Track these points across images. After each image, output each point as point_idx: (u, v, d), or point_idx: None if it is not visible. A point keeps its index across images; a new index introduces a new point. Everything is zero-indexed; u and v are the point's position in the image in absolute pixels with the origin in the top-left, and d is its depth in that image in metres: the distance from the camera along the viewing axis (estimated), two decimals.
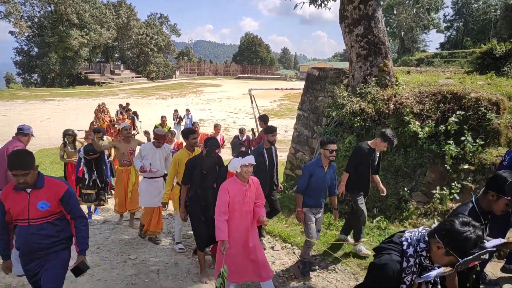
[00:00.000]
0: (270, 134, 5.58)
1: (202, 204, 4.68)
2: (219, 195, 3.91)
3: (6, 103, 26.61)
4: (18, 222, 3.09)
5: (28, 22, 44.34)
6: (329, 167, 4.74)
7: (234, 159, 3.90)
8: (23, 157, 2.99)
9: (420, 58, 37.97)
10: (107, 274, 4.75)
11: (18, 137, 4.97)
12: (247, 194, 3.95)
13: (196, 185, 4.70)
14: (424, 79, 7.24)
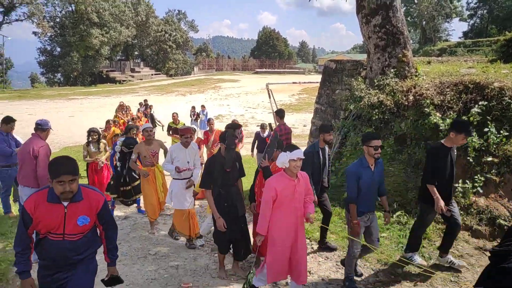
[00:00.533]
0: (327, 133, 5.13)
1: (225, 205, 4.47)
2: (265, 191, 3.75)
3: (31, 102, 27.41)
4: (49, 236, 2.82)
5: (50, 22, 45.53)
6: (376, 165, 4.21)
7: (282, 153, 3.71)
8: (71, 160, 2.76)
9: (442, 48, 36.96)
10: (128, 269, 4.84)
11: (38, 133, 4.94)
12: (296, 190, 3.72)
13: (218, 185, 4.46)
14: (445, 69, 7.03)
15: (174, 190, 5.53)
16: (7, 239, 5.59)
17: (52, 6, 45.73)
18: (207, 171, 4.47)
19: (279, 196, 3.68)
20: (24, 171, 4.68)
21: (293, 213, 3.77)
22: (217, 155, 4.54)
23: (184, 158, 5.43)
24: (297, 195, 3.75)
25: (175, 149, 5.51)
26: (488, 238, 5.19)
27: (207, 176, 4.46)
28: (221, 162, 4.43)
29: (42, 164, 4.61)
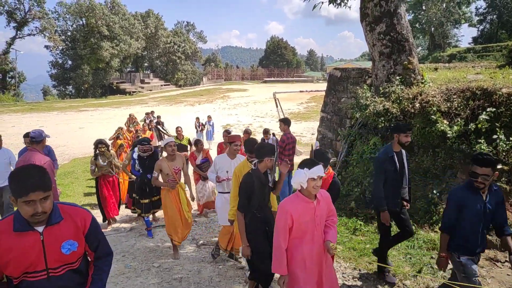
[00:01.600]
0: (403, 133, 4.29)
1: (266, 229, 3.89)
2: (278, 217, 3.11)
3: (43, 115, 27.83)
4: (28, 278, 2.10)
5: (61, 36, 46.43)
6: (490, 192, 3.33)
7: (299, 170, 3.06)
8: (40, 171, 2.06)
9: (452, 54, 36.61)
10: (131, 282, 4.80)
11: (34, 146, 4.74)
12: (316, 214, 3.10)
13: (254, 207, 3.88)
14: (452, 76, 6.93)
15: (219, 204, 5.26)
16: None
17: (63, 20, 46.75)
18: (244, 191, 3.81)
19: (296, 223, 3.06)
20: None
21: (315, 243, 3.14)
22: (254, 171, 3.89)
23: (230, 168, 5.05)
24: (318, 220, 3.14)
25: (219, 160, 5.21)
26: (500, 249, 5.03)
27: (245, 197, 3.82)
28: (260, 177, 3.85)
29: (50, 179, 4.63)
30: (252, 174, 3.87)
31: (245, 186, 3.83)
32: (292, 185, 3.20)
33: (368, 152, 6.66)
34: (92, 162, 7.11)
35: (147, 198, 6.57)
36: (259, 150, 3.89)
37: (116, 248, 6.02)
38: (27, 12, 42.49)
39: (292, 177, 3.17)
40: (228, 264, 5.29)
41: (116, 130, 11.35)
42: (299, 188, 3.12)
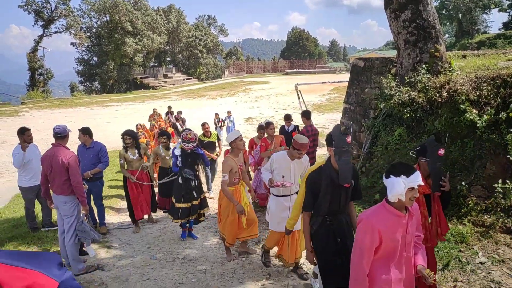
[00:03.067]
0: None
1: (338, 240, 3.34)
2: (362, 234, 2.53)
3: (70, 111, 28.61)
4: None
5: (87, 33, 47.51)
6: None
7: (395, 179, 2.47)
8: None
9: (480, 40, 35.32)
10: (157, 273, 4.90)
11: (58, 142, 4.80)
12: (408, 231, 2.54)
13: (324, 212, 3.37)
14: (482, 63, 6.65)
15: (272, 208, 4.65)
16: (43, 243, 5.82)
17: (88, 17, 47.75)
18: (310, 189, 3.38)
19: (384, 243, 2.49)
20: (57, 181, 4.73)
21: (404, 266, 2.60)
22: (324, 167, 3.34)
23: (288, 171, 4.43)
24: (410, 238, 2.59)
25: (278, 158, 4.49)
26: None
27: (310, 195, 3.37)
28: (331, 176, 3.26)
29: (76, 173, 4.71)
30: (321, 171, 3.33)
31: (311, 185, 3.36)
32: (390, 198, 2.55)
33: (393, 143, 6.51)
34: (120, 156, 6.39)
35: (187, 202, 5.70)
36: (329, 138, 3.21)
37: (142, 240, 6.16)
38: (54, 11, 43.64)
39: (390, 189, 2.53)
40: (251, 256, 5.31)
41: (136, 127, 10.91)
42: (395, 201, 2.53)
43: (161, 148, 7.09)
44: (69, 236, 4.75)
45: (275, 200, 4.61)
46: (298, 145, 4.18)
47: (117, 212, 7.92)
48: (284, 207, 4.53)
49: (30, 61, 41.85)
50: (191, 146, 5.55)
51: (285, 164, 4.43)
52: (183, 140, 5.51)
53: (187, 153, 5.60)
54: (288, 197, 4.54)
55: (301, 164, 4.45)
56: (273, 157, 4.54)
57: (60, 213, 4.86)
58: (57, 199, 4.80)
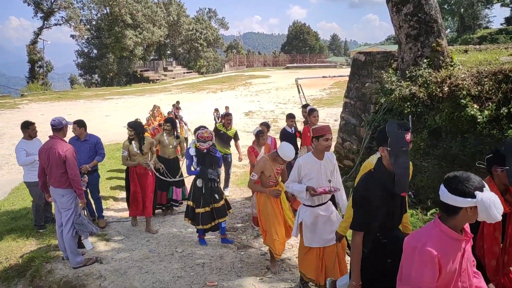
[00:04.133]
0: None
1: (388, 262, 2.66)
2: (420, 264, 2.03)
3: (70, 103, 28.54)
4: None
5: (86, 26, 47.22)
6: None
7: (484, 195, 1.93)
8: None
9: (482, 35, 35.16)
10: (155, 266, 4.89)
11: (55, 134, 4.76)
12: (464, 256, 2.12)
13: (376, 229, 2.68)
14: (483, 58, 6.60)
15: (307, 221, 3.94)
16: (41, 236, 5.82)
17: (88, 9, 47.42)
18: (361, 204, 2.66)
19: (442, 272, 2.04)
20: (55, 174, 4.70)
21: None
22: (376, 172, 2.66)
23: (319, 174, 3.79)
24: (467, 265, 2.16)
25: (305, 162, 3.84)
26: None
27: (362, 210, 2.65)
28: (385, 182, 2.58)
29: (73, 166, 4.69)
30: (372, 177, 2.67)
31: (362, 196, 2.65)
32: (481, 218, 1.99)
33: None
34: (124, 146, 6.06)
35: (207, 206, 5.29)
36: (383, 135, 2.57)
37: (141, 233, 6.16)
38: (53, 2, 43.37)
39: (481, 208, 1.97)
40: (250, 250, 5.31)
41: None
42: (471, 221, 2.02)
43: (165, 135, 6.83)
44: (67, 229, 4.74)
45: (310, 211, 3.91)
46: (320, 130, 3.65)
47: (116, 205, 7.92)
48: (324, 218, 3.89)
49: (30, 54, 41.68)
50: (207, 146, 5.14)
51: (315, 167, 3.80)
52: (198, 139, 5.09)
53: (203, 153, 5.19)
54: (325, 205, 3.94)
55: (330, 163, 3.87)
56: (298, 163, 3.88)
57: (58, 206, 4.84)
58: (55, 192, 4.78)
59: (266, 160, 4.53)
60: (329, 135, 3.67)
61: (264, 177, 4.56)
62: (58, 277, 4.61)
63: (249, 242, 5.49)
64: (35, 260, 4.91)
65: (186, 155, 5.46)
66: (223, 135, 7.75)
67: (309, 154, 3.93)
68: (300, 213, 4.03)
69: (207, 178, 5.24)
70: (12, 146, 11.78)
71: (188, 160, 5.34)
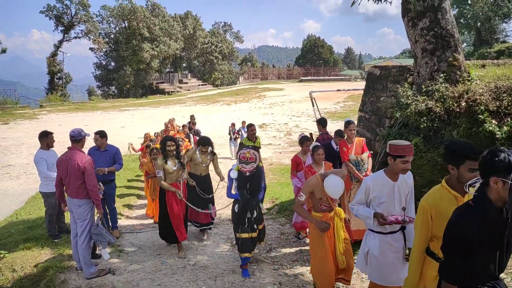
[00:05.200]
0: None
1: None
2: None
3: (87, 114, 29.09)
4: None
5: (105, 39, 48.35)
6: None
7: None
8: None
9: (500, 50, 34.65)
10: (167, 279, 4.88)
11: (74, 145, 4.83)
12: None
13: (476, 280, 2.19)
14: (502, 73, 6.50)
15: (372, 248, 3.40)
16: (56, 246, 5.87)
17: (107, 23, 48.58)
18: (457, 245, 2.12)
19: None
20: (73, 185, 4.75)
21: None
22: (479, 205, 2.09)
23: (391, 198, 3.28)
24: None
25: (375, 182, 3.31)
26: None
27: (457, 256, 2.13)
28: (490, 220, 2.07)
29: (91, 177, 4.76)
30: (472, 211, 2.11)
31: (458, 236, 2.10)
32: None
33: None
34: (159, 167, 5.43)
35: (246, 232, 4.81)
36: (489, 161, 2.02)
37: (154, 245, 6.16)
38: (73, 16, 44.58)
39: None
40: (263, 264, 5.25)
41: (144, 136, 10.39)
42: None
43: (198, 152, 6.17)
44: (82, 240, 4.78)
45: (379, 239, 3.35)
46: (399, 149, 3.09)
47: (129, 216, 7.97)
48: (396, 249, 3.34)
49: (50, 65, 42.75)
50: (250, 168, 4.56)
51: (387, 189, 3.27)
52: (240, 160, 4.59)
53: (245, 177, 4.65)
54: (397, 233, 3.37)
55: (406, 185, 3.31)
56: (367, 183, 3.35)
57: (74, 216, 4.89)
58: (72, 202, 4.84)
59: (318, 180, 3.84)
60: (410, 157, 3.13)
61: (315, 199, 3.90)
62: (72, 287, 4.63)
63: (262, 257, 5.43)
64: (49, 270, 4.95)
65: (228, 178, 4.95)
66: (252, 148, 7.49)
67: (380, 172, 3.35)
68: (367, 239, 3.47)
69: (246, 205, 4.74)
70: (30, 156, 12.05)
71: (228, 181, 4.93)
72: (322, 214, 3.93)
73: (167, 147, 5.48)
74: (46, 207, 6.08)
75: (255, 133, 7.47)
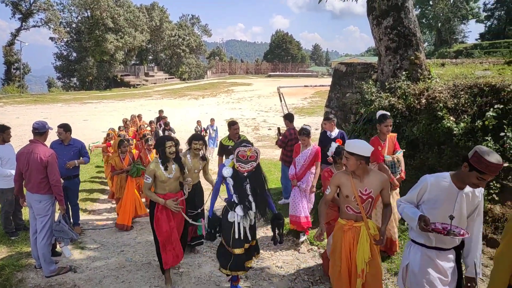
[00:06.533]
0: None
1: None
2: None
3: (47, 107, 27.88)
4: None
5: (66, 28, 46.45)
6: None
7: None
8: None
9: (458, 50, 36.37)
10: (132, 275, 4.78)
11: (36, 138, 4.64)
12: None
13: None
14: (460, 72, 6.82)
15: (413, 263, 2.92)
16: (13, 243, 5.61)
17: (68, 12, 46.70)
18: None
19: None
20: (34, 179, 4.54)
21: None
22: None
23: (449, 207, 2.76)
24: None
25: (436, 183, 2.79)
26: None
27: None
28: None
29: (55, 171, 4.57)
30: None
31: None
32: None
33: None
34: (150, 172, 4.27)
35: (240, 247, 3.93)
36: None
37: (118, 241, 6.02)
38: (32, 4, 42.48)
39: None
40: None
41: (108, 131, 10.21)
42: None
43: (189, 156, 4.96)
44: (41, 236, 4.58)
45: (423, 253, 2.87)
46: (490, 167, 2.49)
47: (92, 212, 7.74)
48: (441, 270, 2.82)
49: (6, 55, 40.58)
50: (250, 168, 3.78)
51: (448, 195, 2.75)
52: (238, 158, 3.75)
53: (242, 177, 3.83)
54: (447, 252, 2.85)
55: (472, 200, 2.77)
56: (426, 180, 2.83)
57: (34, 212, 4.67)
58: (32, 198, 4.62)
59: (344, 175, 3.31)
60: (491, 177, 2.57)
61: (342, 197, 3.33)
62: (30, 286, 4.44)
63: None
64: (5, 268, 4.72)
65: (218, 173, 4.03)
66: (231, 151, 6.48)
67: (446, 174, 2.80)
68: (408, 251, 2.99)
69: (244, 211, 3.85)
70: None
71: (218, 177, 4.02)
72: (346, 222, 3.32)
73: (167, 148, 4.29)
74: (1, 204, 5.79)
75: (238, 132, 6.18)
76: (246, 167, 3.78)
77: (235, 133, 6.10)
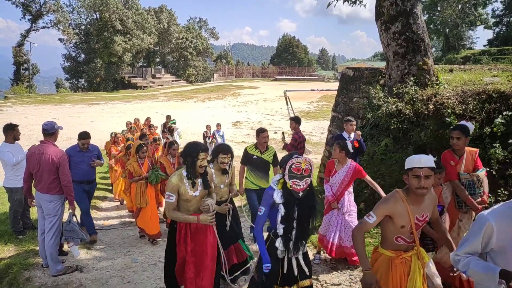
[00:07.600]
0: None
1: None
2: None
3: (55, 107, 28.14)
4: None
5: (75, 30, 46.87)
6: None
7: None
8: None
9: (466, 56, 36.14)
10: (138, 276, 4.81)
11: (46, 139, 4.64)
12: None
13: None
14: (468, 78, 6.79)
15: None
16: (20, 242, 5.66)
17: (77, 14, 47.16)
18: None
19: None
20: (45, 180, 4.56)
21: None
22: None
23: None
24: None
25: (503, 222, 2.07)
26: None
27: None
28: None
29: (67, 172, 4.61)
30: None
31: None
32: None
33: (379, 153, 6.56)
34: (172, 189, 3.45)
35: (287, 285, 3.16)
36: None
37: (124, 242, 6.06)
38: (42, 5, 42.99)
39: None
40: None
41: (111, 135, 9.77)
42: None
43: (213, 170, 4.15)
44: (50, 236, 4.62)
45: None
46: None
47: (98, 213, 7.78)
48: None
49: (16, 55, 41.05)
50: (305, 186, 3.01)
51: None
52: (291, 173, 2.97)
53: (294, 199, 3.01)
54: None
55: None
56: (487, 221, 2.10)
57: (43, 212, 4.71)
58: (41, 198, 4.64)
59: (402, 197, 2.70)
60: None
61: (393, 227, 2.74)
62: (37, 285, 4.48)
63: None
64: (13, 267, 4.77)
65: (263, 201, 3.10)
66: (256, 161, 5.50)
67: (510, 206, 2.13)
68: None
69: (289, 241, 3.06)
70: None
71: (263, 207, 3.08)
72: (394, 254, 2.77)
73: (199, 161, 3.43)
74: (10, 203, 5.84)
75: (267, 140, 5.55)
76: (301, 184, 2.98)
77: (263, 141, 5.50)
